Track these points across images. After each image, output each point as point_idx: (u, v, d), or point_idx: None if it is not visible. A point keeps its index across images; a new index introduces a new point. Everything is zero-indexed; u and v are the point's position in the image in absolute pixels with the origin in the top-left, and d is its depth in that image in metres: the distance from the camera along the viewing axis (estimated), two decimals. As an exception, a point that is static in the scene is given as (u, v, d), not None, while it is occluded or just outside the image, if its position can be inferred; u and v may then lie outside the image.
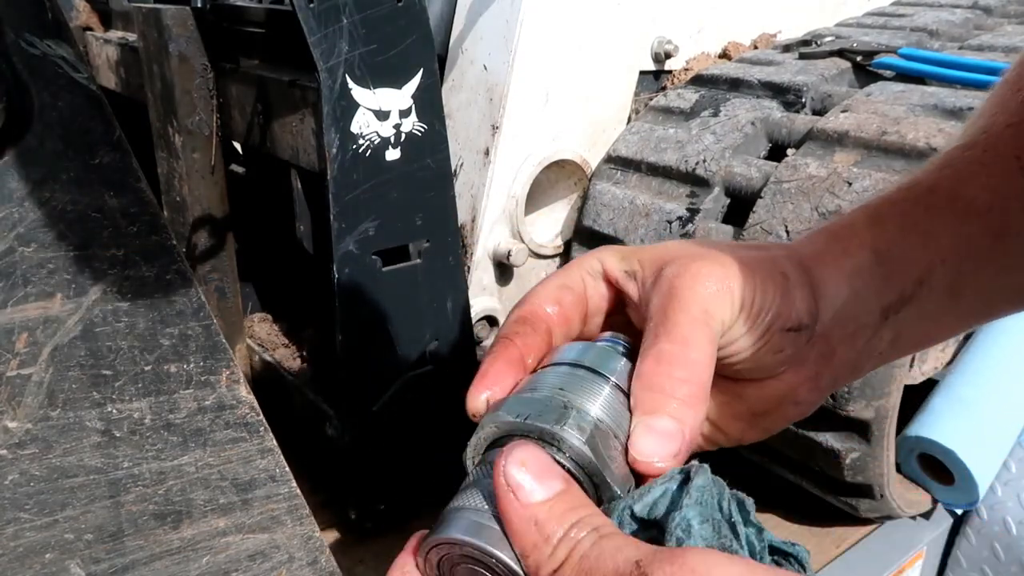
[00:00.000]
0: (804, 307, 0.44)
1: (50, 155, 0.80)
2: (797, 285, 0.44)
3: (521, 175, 1.47)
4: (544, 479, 0.33)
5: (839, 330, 0.46)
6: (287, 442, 0.83)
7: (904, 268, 0.46)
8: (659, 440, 0.38)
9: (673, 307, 0.41)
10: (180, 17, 1.30)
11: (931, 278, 0.46)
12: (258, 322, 1.73)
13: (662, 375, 0.39)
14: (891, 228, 0.47)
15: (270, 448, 0.72)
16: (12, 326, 0.71)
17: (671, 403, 0.38)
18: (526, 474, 0.33)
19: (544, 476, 0.33)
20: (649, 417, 0.38)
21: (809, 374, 0.47)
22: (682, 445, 0.38)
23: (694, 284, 0.41)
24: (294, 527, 0.67)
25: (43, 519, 0.62)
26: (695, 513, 0.33)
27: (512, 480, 0.33)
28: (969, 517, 1.46)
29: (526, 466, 0.33)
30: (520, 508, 0.33)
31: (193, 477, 0.68)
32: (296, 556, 0.65)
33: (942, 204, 0.47)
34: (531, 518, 0.33)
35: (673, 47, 1.60)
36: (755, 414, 0.48)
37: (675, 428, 0.38)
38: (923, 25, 1.75)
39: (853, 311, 0.46)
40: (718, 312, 0.41)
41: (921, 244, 0.46)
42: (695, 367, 0.39)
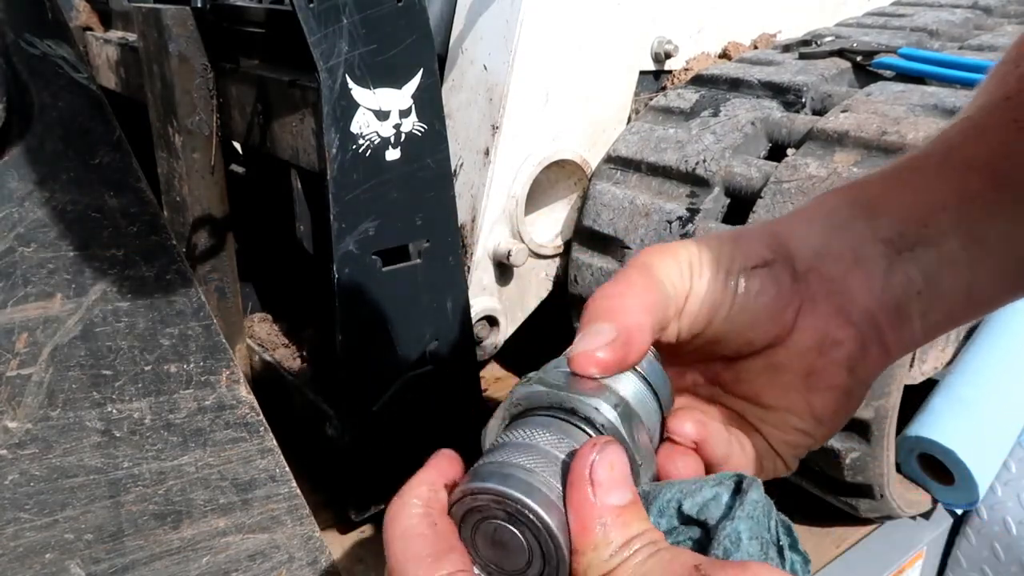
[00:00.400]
0: (761, 245, 0.45)
1: (50, 155, 0.80)
2: (750, 235, 0.46)
3: (521, 175, 1.47)
4: (623, 486, 0.34)
5: (834, 263, 0.45)
6: (287, 442, 0.83)
7: (894, 209, 0.46)
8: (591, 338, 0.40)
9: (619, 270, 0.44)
10: (180, 17, 1.30)
11: (936, 221, 0.45)
12: (258, 322, 1.73)
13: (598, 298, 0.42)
14: (873, 184, 0.47)
15: (270, 448, 0.72)
16: (12, 326, 0.71)
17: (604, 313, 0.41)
18: (611, 475, 0.34)
19: (624, 483, 0.35)
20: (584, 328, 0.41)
21: (829, 311, 0.45)
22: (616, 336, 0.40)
23: (638, 256, 0.44)
24: (294, 527, 0.67)
25: (43, 519, 0.62)
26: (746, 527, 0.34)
27: (597, 476, 0.34)
28: (969, 517, 1.46)
29: (614, 468, 0.34)
30: (594, 506, 0.33)
31: (193, 477, 0.68)
32: (296, 556, 0.65)
33: (933, 164, 0.47)
34: (601, 519, 0.33)
35: (673, 47, 1.60)
36: (803, 375, 0.46)
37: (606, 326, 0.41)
38: (923, 25, 1.75)
39: (840, 243, 0.46)
40: (659, 266, 0.44)
41: (911, 193, 0.46)
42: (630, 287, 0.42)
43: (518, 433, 0.38)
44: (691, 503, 0.36)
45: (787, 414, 0.47)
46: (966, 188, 0.46)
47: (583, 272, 1.49)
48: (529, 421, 0.39)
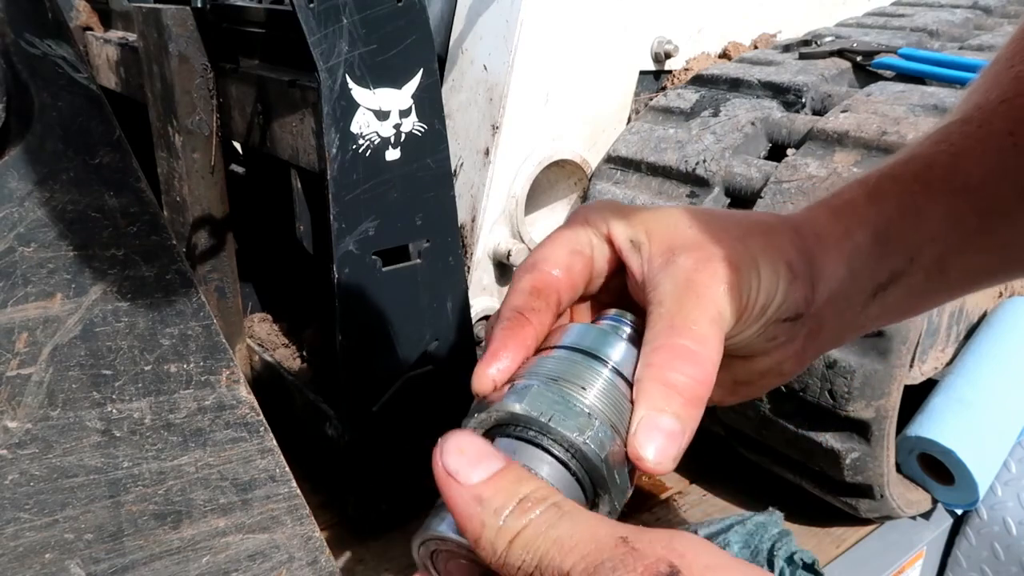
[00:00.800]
0: (802, 297, 0.44)
1: (50, 155, 0.80)
2: (799, 275, 0.44)
3: (521, 175, 1.47)
4: (484, 459, 0.32)
5: (830, 310, 0.46)
6: (287, 442, 0.83)
7: (898, 247, 0.46)
8: (663, 440, 0.37)
9: (691, 302, 0.40)
10: (180, 17, 1.30)
11: (921, 256, 0.46)
12: (258, 322, 1.73)
13: (676, 371, 0.38)
14: (890, 206, 0.47)
15: (270, 448, 0.72)
16: (12, 326, 0.71)
17: (677, 401, 0.38)
18: (463, 458, 0.32)
19: (484, 457, 0.32)
20: (655, 414, 0.37)
21: (796, 349, 0.47)
22: (681, 447, 0.38)
23: (711, 283, 0.41)
24: (294, 527, 0.67)
25: (43, 519, 0.62)
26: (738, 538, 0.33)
27: (450, 466, 0.32)
28: (969, 517, 1.46)
29: (464, 452, 0.32)
30: (461, 490, 0.31)
31: (193, 477, 0.68)
32: (296, 556, 0.65)
33: (939, 180, 0.47)
34: (474, 498, 0.31)
35: (673, 47, 1.60)
36: (738, 383, 0.48)
37: (678, 428, 0.37)
38: (923, 25, 1.75)
39: (847, 292, 0.46)
40: (728, 313, 0.41)
41: (915, 223, 0.46)
42: (707, 367, 0.39)
43: None
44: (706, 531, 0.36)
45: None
46: (954, 214, 0.46)
47: (583, 272, 1.49)
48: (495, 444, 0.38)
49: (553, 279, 0.45)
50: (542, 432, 0.36)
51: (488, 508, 0.31)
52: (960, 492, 1.32)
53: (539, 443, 0.36)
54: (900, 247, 0.46)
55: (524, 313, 0.43)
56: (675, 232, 0.44)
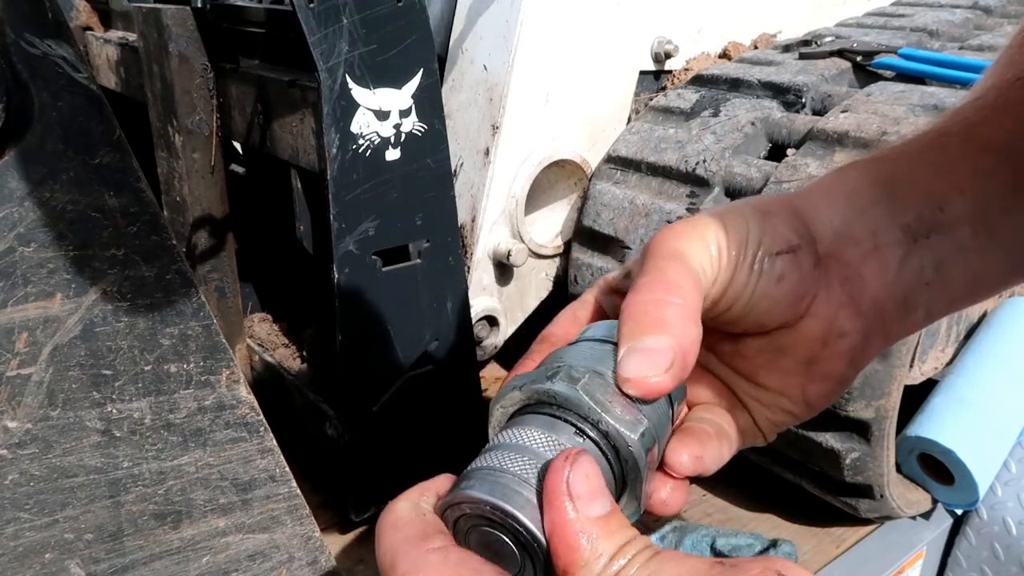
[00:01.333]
0: (787, 228, 0.44)
1: (50, 155, 0.80)
2: (775, 214, 0.44)
3: (521, 175, 1.47)
4: (602, 495, 0.33)
5: (853, 248, 0.44)
6: (287, 442, 0.83)
7: (915, 191, 0.45)
8: (646, 357, 0.37)
9: (647, 258, 0.42)
10: (180, 17, 1.30)
11: (950, 205, 0.45)
12: (258, 322, 1.73)
13: (642, 302, 0.39)
14: (893, 162, 0.46)
15: (270, 448, 0.72)
16: (12, 326, 0.71)
17: (654, 324, 0.38)
18: (588, 486, 0.33)
19: (602, 493, 0.33)
20: (633, 339, 0.38)
21: (842, 299, 0.45)
22: (675, 359, 0.37)
23: (666, 238, 0.42)
24: (294, 527, 0.67)
25: (43, 519, 0.62)
26: None
27: (574, 489, 0.32)
28: (969, 517, 1.46)
29: (589, 479, 0.33)
30: (575, 520, 0.32)
31: (193, 477, 0.68)
32: (296, 556, 0.65)
33: (955, 143, 0.46)
34: (585, 532, 0.32)
35: (673, 47, 1.60)
36: (805, 362, 0.46)
37: (663, 344, 0.37)
38: (923, 25, 1.75)
39: (862, 227, 0.45)
40: (692, 252, 0.41)
41: (930, 175, 0.45)
42: (673, 287, 0.39)
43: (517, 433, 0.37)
44: (725, 542, 0.36)
45: (780, 396, 0.47)
46: (983, 170, 0.45)
47: (583, 272, 1.49)
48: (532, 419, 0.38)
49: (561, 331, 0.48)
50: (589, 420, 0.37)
51: (595, 550, 0.32)
52: (960, 492, 1.32)
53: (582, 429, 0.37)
54: (916, 192, 0.45)
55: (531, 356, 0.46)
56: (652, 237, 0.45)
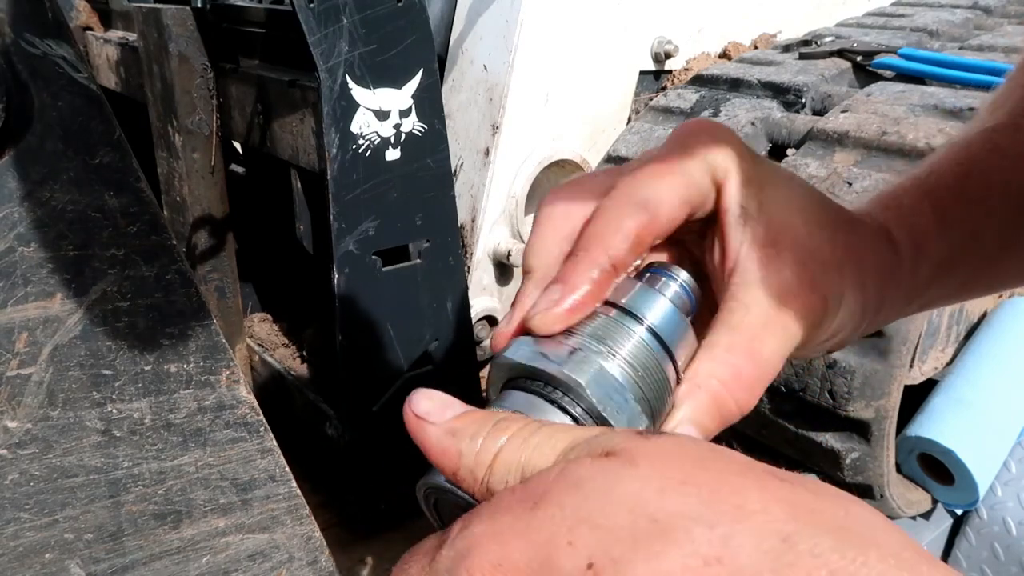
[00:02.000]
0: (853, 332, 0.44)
1: (50, 155, 0.80)
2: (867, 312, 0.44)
3: (521, 175, 1.47)
4: (451, 404, 0.31)
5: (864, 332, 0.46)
6: (287, 442, 0.83)
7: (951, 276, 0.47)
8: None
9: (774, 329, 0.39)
10: (180, 17, 1.30)
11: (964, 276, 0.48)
12: (258, 322, 1.73)
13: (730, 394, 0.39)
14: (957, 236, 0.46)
15: (270, 448, 0.72)
16: (12, 326, 0.71)
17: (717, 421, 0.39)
18: (432, 402, 0.31)
19: (451, 403, 0.32)
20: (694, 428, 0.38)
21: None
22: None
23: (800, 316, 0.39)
24: (294, 527, 0.67)
25: (43, 519, 0.62)
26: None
27: (420, 409, 0.31)
28: (969, 517, 1.46)
29: (433, 399, 0.32)
30: (433, 428, 0.31)
31: (193, 477, 0.68)
32: (296, 556, 0.65)
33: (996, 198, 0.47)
34: (446, 432, 0.30)
35: (673, 47, 1.60)
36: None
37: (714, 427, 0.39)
38: (923, 25, 1.75)
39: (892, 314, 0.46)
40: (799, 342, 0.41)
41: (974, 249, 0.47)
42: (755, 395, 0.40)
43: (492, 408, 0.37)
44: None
45: None
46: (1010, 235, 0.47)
47: (583, 272, 1.50)
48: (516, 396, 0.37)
49: (656, 230, 0.39)
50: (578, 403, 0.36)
51: (462, 437, 0.30)
52: (960, 492, 1.32)
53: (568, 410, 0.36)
54: (951, 277, 0.47)
55: (617, 266, 0.39)
56: (787, 223, 0.40)
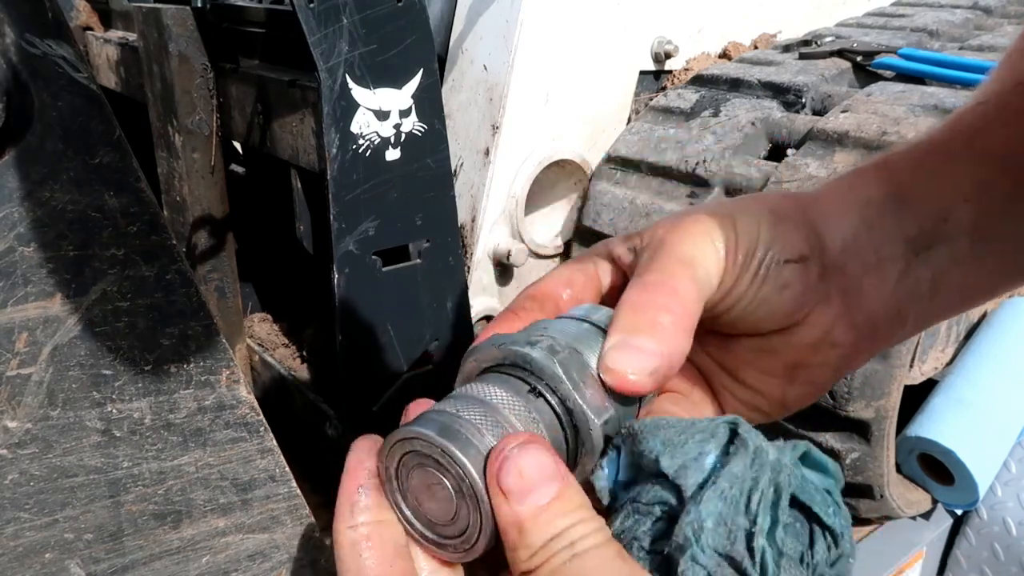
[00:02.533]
0: (799, 236, 0.43)
1: (50, 155, 0.80)
2: (788, 219, 0.43)
3: (521, 175, 1.47)
4: (540, 487, 0.33)
5: (857, 261, 0.44)
6: (287, 442, 0.83)
7: (921, 202, 0.45)
8: (634, 354, 0.37)
9: (658, 254, 0.41)
10: (180, 17, 1.30)
11: (953, 216, 0.45)
12: (258, 322, 1.73)
13: (643, 302, 0.39)
14: (903, 171, 0.46)
15: (270, 448, 0.72)
16: (12, 326, 0.71)
17: (650, 325, 0.38)
18: (521, 482, 0.33)
19: (540, 485, 0.33)
20: (627, 334, 0.38)
21: (839, 311, 0.45)
22: (661, 365, 0.37)
23: (679, 239, 0.42)
24: (294, 527, 0.67)
25: (43, 519, 0.62)
26: (713, 510, 0.31)
27: (504, 484, 0.33)
28: (969, 517, 1.46)
29: (523, 475, 0.33)
30: (507, 513, 0.33)
31: (193, 477, 0.68)
32: (296, 556, 0.65)
33: (958, 150, 0.46)
34: (515, 524, 0.33)
35: (673, 47, 1.60)
36: (791, 366, 0.46)
37: (654, 347, 0.38)
38: (923, 25, 1.75)
39: (869, 241, 0.44)
40: (701, 258, 0.41)
41: (937, 185, 0.45)
42: (677, 297, 0.39)
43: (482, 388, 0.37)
44: (669, 461, 0.34)
45: (758, 395, 0.47)
46: (984, 180, 0.45)
47: (583, 272, 1.50)
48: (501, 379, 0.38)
49: (553, 291, 0.45)
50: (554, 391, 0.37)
51: (524, 540, 0.33)
52: (960, 492, 1.32)
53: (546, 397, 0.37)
54: (922, 203, 0.45)
55: (516, 311, 0.44)
56: (664, 223, 0.44)
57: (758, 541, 0.31)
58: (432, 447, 0.34)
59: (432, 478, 0.35)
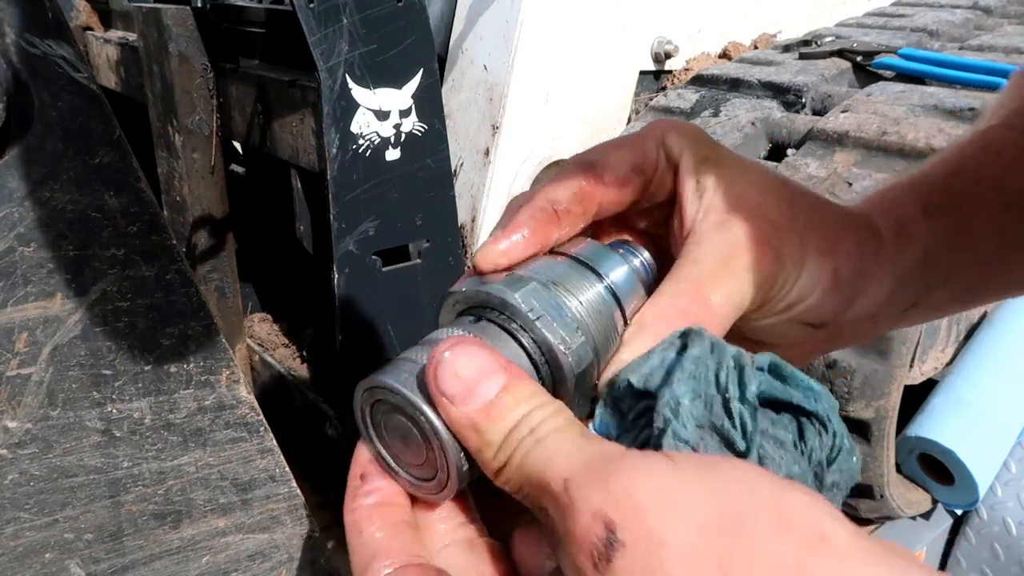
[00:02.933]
0: (832, 309, 0.43)
1: (50, 155, 0.80)
2: (841, 287, 0.42)
3: (521, 175, 1.47)
4: (482, 380, 0.32)
5: (854, 325, 0.45)
6: (287, 442, 0.83)
7: (940, 271, 0.45)
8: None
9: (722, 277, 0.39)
10: (180, 17, 1.30)
11: (958, 279, 0.45)
12: (258, 322, 1.73)
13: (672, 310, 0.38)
14: (944, 226, 0.45)
15: (270, 448, 0.72)
16: (12, 326, 0.71)
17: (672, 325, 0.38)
18: (458, 382, 0.32)
19: (480, 381, 0.32)
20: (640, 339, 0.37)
21: (806, 349, 0.46)
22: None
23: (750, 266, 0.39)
24: (294, 527, 0.67)
25: (43, 519, 0.62)
26: (686, 389, 0.31)
27: (446, 389, 0.32)
28: (969, 517, 1.46)
29: (460, 376, 0.32)
30: (458, 416, 0.32)
31: (193, 477, 0.68)
32: (296, 556, 0.65)
33: (988, 195, 0.46)
34: (470, 425, 0.32)
35: (673, 47, 1.60)
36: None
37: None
38: (923, 25, 1.75)
39: (879, 314, 0.45)
40: (749, 300, 0.40)
41: (963, 244, 0.45)
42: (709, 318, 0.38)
43: (445, 332, 0.37)
44: (638, 376, 0.34)
45: None
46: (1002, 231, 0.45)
47: (583, 272, 1.50)
48: (466, 322, 0.37)
49: (602, 188, 0.42)
50: (524, 328, 0.36)
51: (483, 439, 0.32)
52: (960, 492, 1.31)
53: (517, 337, 0.36)
54: (942, 270, 0.45)
55: (559, 211, 0.41)
56: (743, 194, 0.41)
57: (734, 405, 0.31)
58: (388, 392, 0.34)
59: (402, 424, 0.35)
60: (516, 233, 0.39)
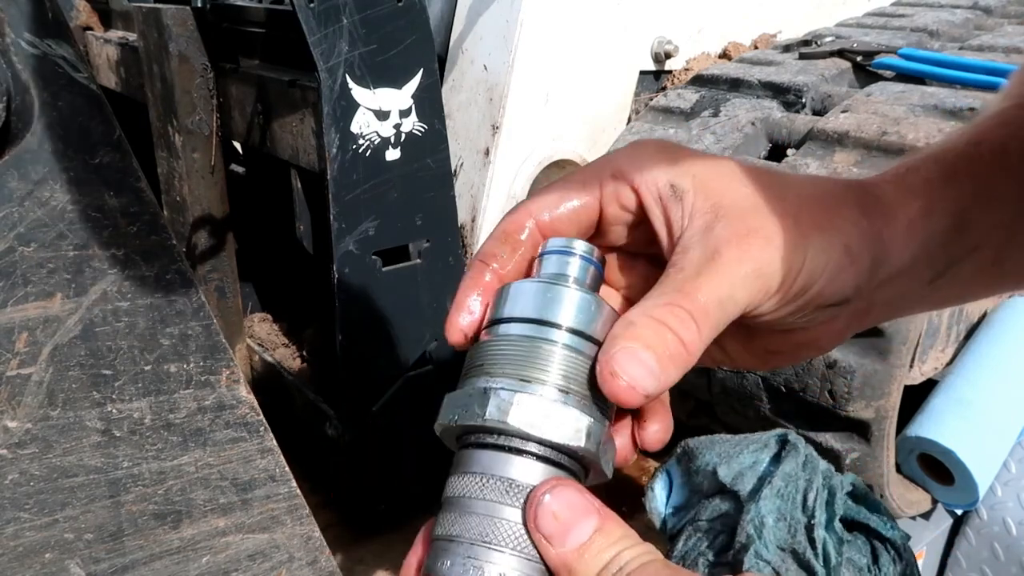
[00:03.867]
0: (852, 284, 0.41)
1: (50, 155, 0.80)
2: (856, 260, 0.41)
3: (521, 175, 1.47)
4: (575, 525, 0.34)
5: (883, 295, 0.43)
6: (287, 442, 0.83)
7: (968, 235, 0.44)
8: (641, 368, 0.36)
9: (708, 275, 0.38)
10: (180, 17, 1.30)
11: (985, 246, 0.44)
12: (258, 322, 1.73)
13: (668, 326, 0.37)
14: (968, 189, 0.44)
15: (270, 448, 0.72)
16: (12, 326, 0.71)
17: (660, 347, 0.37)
18: (557, 524, 0.34)
19: (575, 522, 0.35)
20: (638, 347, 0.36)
21: (839, 327, 0.44)
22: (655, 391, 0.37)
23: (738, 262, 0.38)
24: (294, 527, 0.67)
25: (43, 519, 0.62)
26: (772, 507, 0.32)
27: (544, 531, 0.35)
28: (969, 517, 1.46)
29: (558, 518, 0.35)
30: (554, 555, 0.34)
31: (193, 477, 0.68)
32: (296, 556, 0.65)
33: (1015, 164, 0.44)
34: (565, 565, 0.34)
35: (673, 47, 1.60)
36: (771, 352, 0.46)
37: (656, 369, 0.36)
38: (923, 25, 1.75)
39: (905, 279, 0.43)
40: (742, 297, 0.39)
41: (989, 208, 0.44)
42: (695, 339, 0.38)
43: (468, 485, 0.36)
44: (727, 470, 0.35)
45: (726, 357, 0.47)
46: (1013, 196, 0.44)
47: (583, 272, 1.50)
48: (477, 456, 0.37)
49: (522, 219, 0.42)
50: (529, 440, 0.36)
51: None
52: (960, 492, 1.31)
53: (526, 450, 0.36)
54: (969, 234, 0.44)
55: (485, 260, 0.42)
56: (726, 188, 0.40)
57: (818, 532, 0.32)
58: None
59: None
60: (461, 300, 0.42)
